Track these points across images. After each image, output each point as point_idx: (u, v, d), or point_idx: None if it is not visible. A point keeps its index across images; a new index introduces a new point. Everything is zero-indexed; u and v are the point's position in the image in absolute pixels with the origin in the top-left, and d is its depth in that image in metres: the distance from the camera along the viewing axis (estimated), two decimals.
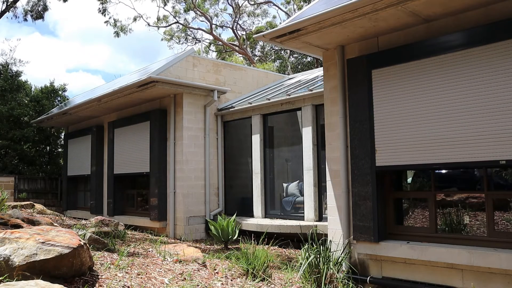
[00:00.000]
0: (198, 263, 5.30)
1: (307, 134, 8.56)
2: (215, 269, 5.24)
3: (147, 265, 4.83)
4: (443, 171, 5.42)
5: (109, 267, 4.42)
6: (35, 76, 47.03)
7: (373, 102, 5.26)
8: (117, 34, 25.33)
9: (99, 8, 23.65)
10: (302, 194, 8.82)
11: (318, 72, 11.14)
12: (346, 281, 5.08)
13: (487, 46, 4.35)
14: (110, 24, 24.90)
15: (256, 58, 27.70)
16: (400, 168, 5.09)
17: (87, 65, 66.13)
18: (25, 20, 20.58)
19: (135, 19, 25.84)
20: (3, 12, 19.18)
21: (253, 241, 6.10)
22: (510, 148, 4.16)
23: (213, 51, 29.66)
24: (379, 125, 5.20)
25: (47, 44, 63.13)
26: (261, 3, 27.62)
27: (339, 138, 5.71)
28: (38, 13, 20.32)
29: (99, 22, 55.32)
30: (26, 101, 18.13)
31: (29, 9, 20.37)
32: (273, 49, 28.14)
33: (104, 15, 23.90)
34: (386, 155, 5.12)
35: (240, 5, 27.31)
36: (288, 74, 16.84)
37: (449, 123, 4.60)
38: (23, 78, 19.52)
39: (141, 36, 54.89)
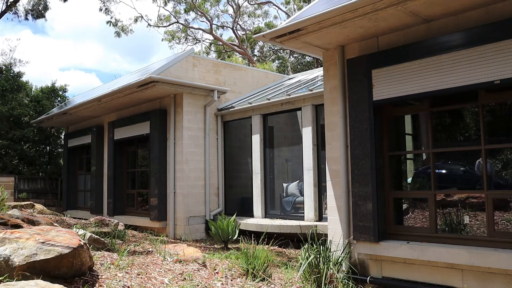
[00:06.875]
0: (198, 263, 5.30)
1: (307, 134, 8.55)
2: (215, 269, 5.23)
3: (147, 265, 4.83)
4: (443, 171, 5.42)
5: (109, 267, 4.42)
6: (29, 74, 47.04)
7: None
8: (118, 34, 25.25)
9: (101, 7, 23.60)
10: (302, 194, 8.82)
11: (318, 72, 11.14)
12: (346, 281, 5.08)
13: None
14: (112, 24, 24.83)
15: (256, 58, 27.69)
16: (398, 100, 5.07)
17: (80, 63, 65.96)
18: (26, 19, 20.55)
19: (136, 20, 25.77)
20: (4, 12, 19.17)
21: (253, 241, 6.10)
22: (503, 67, 4.22)
23: (213, 51, 29.65)
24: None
25: (39, 43, 62.96)
26: (261, 3, 27.60)
27: (339, 138, 5.71)
28: (39, 12, 20.28)
29: (91, 21, 54.85)
30: (26, 101, 18.13)
31: (30, 8, 20.33)
32: (272, 49, 28.14)
33: (106, 14, 23.85)
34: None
35: (240, 6, 27.30)
36: (288, 74, 16.83)
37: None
38: (24, 78, 19.54)
39: (135, 35, 54.75)
